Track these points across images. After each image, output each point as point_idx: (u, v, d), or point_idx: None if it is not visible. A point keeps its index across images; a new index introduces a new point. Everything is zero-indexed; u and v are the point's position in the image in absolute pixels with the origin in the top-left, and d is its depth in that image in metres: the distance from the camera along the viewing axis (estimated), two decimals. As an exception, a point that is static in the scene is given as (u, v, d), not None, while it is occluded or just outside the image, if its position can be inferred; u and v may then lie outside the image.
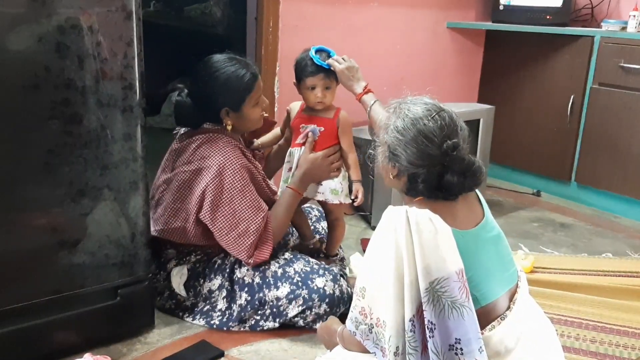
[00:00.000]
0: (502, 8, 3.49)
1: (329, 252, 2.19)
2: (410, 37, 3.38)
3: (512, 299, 1.38)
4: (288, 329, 1.90)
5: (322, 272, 1.91)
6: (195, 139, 1.92)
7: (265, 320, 1.89)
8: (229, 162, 1.85)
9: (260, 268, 1.91)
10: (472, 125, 2.63)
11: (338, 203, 2.05)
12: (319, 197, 2.05)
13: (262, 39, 2.79)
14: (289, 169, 2.05)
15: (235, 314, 1.89)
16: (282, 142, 2.18)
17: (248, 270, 1.91)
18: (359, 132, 2.86)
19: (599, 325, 2.00)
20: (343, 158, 2.03)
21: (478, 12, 3.69)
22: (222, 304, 1.92)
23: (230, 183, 1.84)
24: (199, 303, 1.95)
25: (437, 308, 1.23)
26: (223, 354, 1.79)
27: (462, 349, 1.23)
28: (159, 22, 4.65)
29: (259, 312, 1.88)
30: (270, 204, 1.98)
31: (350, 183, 2.04)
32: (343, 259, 2.28)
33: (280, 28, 2.81)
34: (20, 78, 1.46)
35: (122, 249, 1.73)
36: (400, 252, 1.25)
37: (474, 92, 3.77)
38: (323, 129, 2.00)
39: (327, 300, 1.86)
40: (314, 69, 1.95)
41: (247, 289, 1.89)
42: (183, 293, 1.95)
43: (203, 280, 1.94)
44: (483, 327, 1.29)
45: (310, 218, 2.34)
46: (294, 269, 1.90)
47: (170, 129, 2.13)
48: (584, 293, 2.20)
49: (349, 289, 1.94)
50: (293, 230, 2.26)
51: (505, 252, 1.43)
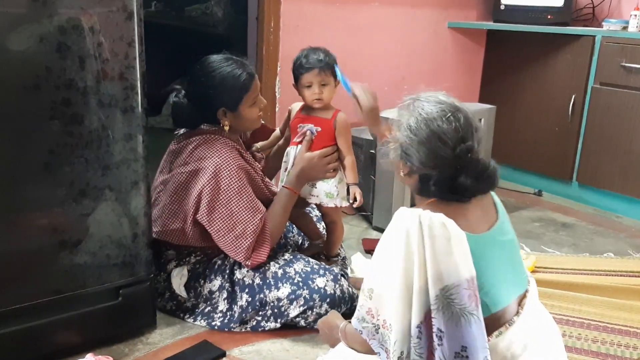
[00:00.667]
0: (503, 8, 3.49)
1: (329, 253, 2.19)
2: (411, 36, 3.38)
3: (520, 304, 1.35)
4: (289, 329, 1.90)
5: (322, 272, 1.91)
6: (193, 140, 1.92)
7: (267, 321, 1.89)
8: (226, 163, 1.84)
9: (261, 269, 1.91)
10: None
11: (333, 206, 2.04)
12: (313, 199, 2.04)
13: (263, 39, 2.79)
14: (286, 169, 2.05)
15: (237, 315, 1.89)
16: (281, 142, 2.18)
17: (248, 271, 1.91)
18: (360, 132, 2.86)
19: (601, 325, 1.99)
20: (340, 160, 2.02)
21: (479, 11, 3.68)
22: (223, 305, 1.92)
23: (227, 184, 1.83)
24: (200, 304, 1.95)
25: (446, 315, 1.20)
26: (225, 354, 1.79)
27: (467, 357, 1.20)
28: (160, 22, 4.65)
29: (260, 312, 1.88)
30: (270, 205, 1.98)
31: (348, 186, 2.03)
32: (344, 259, 2.28)
33: (281, 28, 2.81)
34: (21, 78, 1.46)
35: (123, 249, 1.73)
36: (411, 256, 1.21)
37: (475, 92, 3.76)
38: (320, 129, 1.99)
39: (328, 300, 1.86)
40: (309, 65, 1.93)
41: (247, 290, 1.89)
42: (184, 294, 1.95)
43: (203, 281, 1.94)
44: (490, 332, 1.26)
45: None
46: (295, 270, 1.90)
47: (171, 129, 2.13)
48: (586, 293, 2.19)
49: (350, 289, 1.94)
50: (302, 234, 2.27)
51: (517, 257, 1.39)
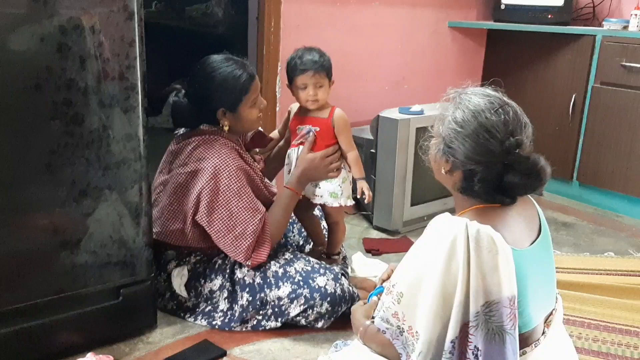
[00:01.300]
0: (503, 7, 3.49)
1: (330, 252, 2.19)
2: (412, 36, 3.38)
3: (547, 321, 1.31)
4: (290, 328, 1.90)
5: (323, 271, 1.91)
6: (192, 141, 1.92)
7: (267, 320, 1.89)
8: (225, 164, 1.84)
9: (261, 268, 1.91)
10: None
11: (338, 206, 2.03)
12: (317, 200, 2.04)
13: (263, 39, 2.79)
14: (289, 171, 2.04)
15: (237, 315, 1.89)
16: (282, 143, 2.18)
17: (249, 271, 1.91)
18: (360, 132, 2.86)
19: (601, 324, 1.99)
20: (343, 157, 2.03)
21: (479, 11, 3.69)
22: (223, 305, 1.92)
23: (226, 185, 1.84)
24: (201, 304, 1.96)
25: (483, 332, 1.15)
26: (225, 354, 1.79)
27: None
28: (161, 22, 4.65)
29: (261, 312, 1.88)
30: (269, 206, 1.98)
31: (354, 182, 2.03)
32: (345, 258, 2.28)
33: (282, 28, 2.81)
34: (22, 78, 1.47)
35: (124, 249, 1.73)
36: (455, 268, 1.15)
37: (476, 91, 3.76)
38: (318, 129, 1.99)
39: (328, 299, 1.86)
40: (304, 67, 1.93)
41: (248, 289, 1.89)
42: (184, 294, 1.95)
43: (204, 281, 1.94)
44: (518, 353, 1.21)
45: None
46: (295, 269, 1.91)
47: (172, 129, 2.13)
48: (586, 292, 2.19)
49: (351, 288, 1.94)
50: (307, 237, 2.27)
51: (552, 274, 1.35)
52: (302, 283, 1.87)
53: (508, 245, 1.16)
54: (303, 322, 1.88)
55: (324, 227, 2.27)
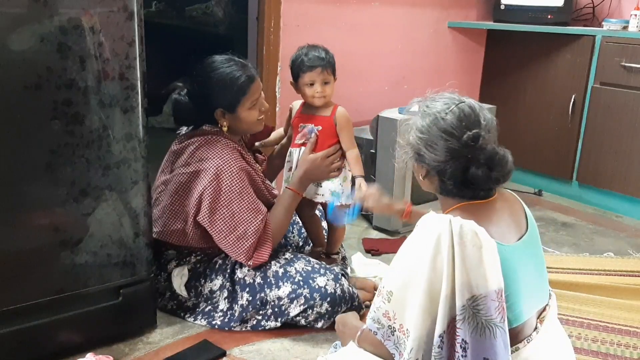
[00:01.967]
0: (503, 7, 3.49)
1: (330, 251, 2.19)
2: (412, 36, 3.38)
3: (540, 317, 1.33)
4: (290, 329, 1.90)
5: (323, 271, 1.91)
6: (194, 141, 1.92)
7: (267, 320, 1.89)
8: (227, 164, 1.85)
9: (261, 268, 1.91)
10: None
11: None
12: (319, 198, 2.04)
13: (263, 39, 2.79)
14: (289, 169, 2.05)
15: (237, 314, 1.89)
16: (284, 141, 2.19)
17: (249, 271, 1.91)
18: (360, 132, 2.86)
19: (601, 325, 2.00)
20: (344, 155, 2.03)
21: (479, 11, 3.69)
22: (223, 304, 1.92)
23: (228, 186, 1.84)
24: (201, 303, 1.96)
25: (471, 326, 1.17)
26: (225, 354, 1.79)
27: None
28: (161, 22, 4.66)
29: (261, 311, 1.88)
30: (270, 208, 1.98)
31: (354, 180, 2.04)
32: (344, 259, 2.28)
33: (282, 28, 2.81)
34: (22, 78, 1.46)
35: (124, 249, 1.74)
36: (440, 264, 1.17)
37: (475, 91, 3.76)
38: (321, 128, 1.99)
39: (328, 300, 1.86)
40: (311, 64, 1.94)
41: (248, 289, 1.89)
42: (184, 294, 1.95)
43: (204, 281, 1.95)
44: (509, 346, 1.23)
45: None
46: (295, 269, 1.91)
47: (172, 129, 2.14)
48: (586, 292, 2.19)
49: (351, 288, 1.94)
50: (306, 238, 2.27)
51: (543, 269, 1.37)
52: (302, 283, 1.87)
53: (492, 239, 1.18)
54: (303, 322, 1.88)
55: (324, 227, 2.28)
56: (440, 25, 3.51)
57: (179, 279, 1.95)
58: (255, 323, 1.90)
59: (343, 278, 1.96)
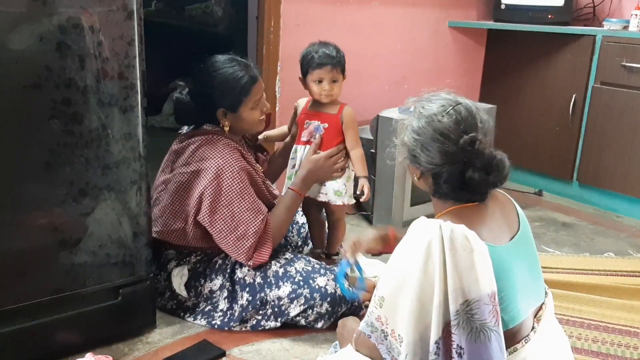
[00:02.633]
0: (503, 7, 3.49)
1: (330, 251, 2.19)
2: (412, 36, 3.38)
3: (537, 316, 1.32)
4: (289, 329, 1.90)
5: (323, 271, 1.91)
6: (195, 140, 1.92)
7: (267, 320, 1.88)
8: (228, 164, 1.84)
9: (261, 268, 1.90)
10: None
11: (341, 204, 2.04)
12: (322, 197, 2.04)
13: (263, 39, 2.79)
14: (293, 166, 2.05)
15: (237, 314, 1.89)
16: (288, 139, 2.18)
17: (249, 270, 1.91)
18: (360, 131, 2.85)
19: (601, 325, 1.99)
20: (348, 154, 2.02)
21: (480, 11, 3.68)
22: (223, 304, 1.92)
23: (229, 186, 1.83)
24: (200, 303, 1.95)
25: (465, 331, 1.16)
26: (224, 354, 1.78)
27: None
28: (160, 21, 4.66)
29: (261, 311, 1.88)
30: (270, 208, 1.98)
31: (356, 179, 2.04)
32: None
33: (282, 27, 2.81)
34: (21, 78, 1.46)
35: (123, 249, 1.73)
36: (431, 270, 1.16)
37: (476, 91, 3.76)
38: (327, 125, 1.99)
39: (328, 300, 1.86)
40: (321, 61, 1.94)
41: (248, 289, 1.89)
42: (184, 293, 1.95)
43: (204, 281, 1.94)
44: (505, 348, 1.22)
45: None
46: (295, 269, 1.90)
47: (172, 129, 2.14)
48: (586, 292, 2.19)
49: (350, 288, 1.93)
50: (305, 238, 2.27)
51: (537, 268, 1.36)
52: (302, 283, 1.87)
53: (483, 243, 1.18)
54: (303, 322, 1.87)
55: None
56: (441, 25, 3.51)
57: (179, 279, 1.95)
58: (255, 323, 1.89)
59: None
